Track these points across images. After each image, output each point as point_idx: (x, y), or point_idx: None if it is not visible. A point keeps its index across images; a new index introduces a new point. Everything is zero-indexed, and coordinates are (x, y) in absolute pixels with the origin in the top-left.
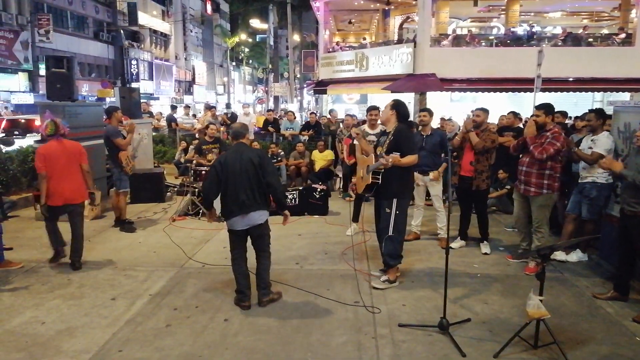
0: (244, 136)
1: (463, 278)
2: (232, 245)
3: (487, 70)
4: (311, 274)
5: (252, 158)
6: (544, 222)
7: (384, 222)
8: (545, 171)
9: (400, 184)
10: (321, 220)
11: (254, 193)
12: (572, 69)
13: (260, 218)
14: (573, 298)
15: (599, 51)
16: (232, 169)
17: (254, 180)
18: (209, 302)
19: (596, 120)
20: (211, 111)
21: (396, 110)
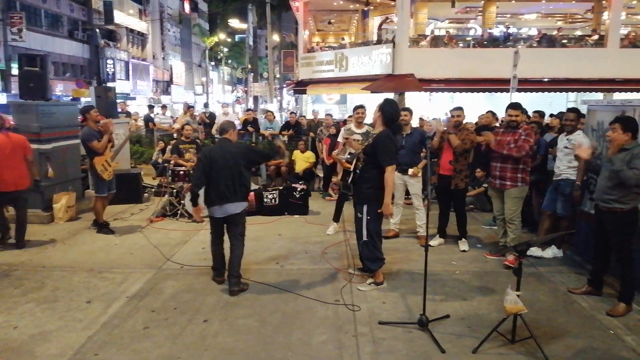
0: (227, 132)
1: (442, 275)
2: (211, 229)
3: (465, 70)
4: (292, 273)
5: (235, 152)
6: (516, 214)
7: (357, 226)
8: (519, 166)
9: (372, 190)
10: (301, 219)
11: (234, 186)
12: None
13: (236, 209)
14: (549, 293)
15: (573, 52)
16: (216, 162)
17: (235, 173)
18: (188, 303)
19: (577, 120)
20: (189, 111)
21: (382, 111)
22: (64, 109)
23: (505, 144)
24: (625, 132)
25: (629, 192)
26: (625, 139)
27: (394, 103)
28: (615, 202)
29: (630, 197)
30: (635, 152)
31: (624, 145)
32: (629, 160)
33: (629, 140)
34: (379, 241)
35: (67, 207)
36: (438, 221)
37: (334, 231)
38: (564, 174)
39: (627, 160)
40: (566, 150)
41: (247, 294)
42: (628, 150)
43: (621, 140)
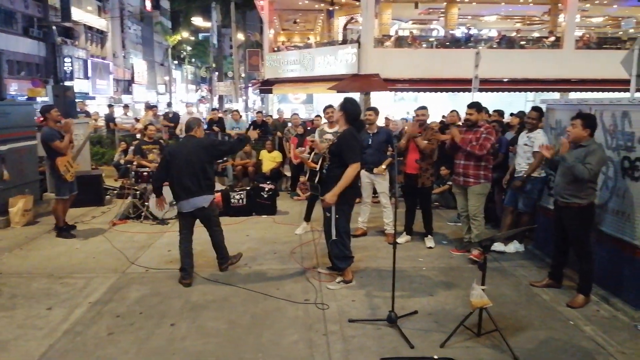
0: (193, 129)
1: (409, 272)
2: (180, 226)
3: (428, 70)
4: (260, 274)
5: (197, 148)
6: (480, 210)
7: (326, 225)
8: (481, 163)
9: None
10: (269, 220)
11: (198, 180)
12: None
13: (204, 202)
14: (512, 287)
15: (531, 53)
16: (178, 158)
17: (198, 168)
18: (154, 307)
19: (539, 119)
20: (152, 110)
21: (344, 110)
22: (20, 109)
23: (467, 142)
24: (585, 129)
25: (585, 187)
26: (583, 135)
27: (354, 101)
28: (572, 198)
29: (586, 193)
30: (590, 149)
31: (581, 141)
32: (584, 156)
33: (587, 137)
34: (347, 240)
35: (24, 211)
36: (405, 219)
37: (302, 231)
38: (524, 170)
39: (582, 157)
40: (526, 147)
41: (216, 296)
42: (584, 147)
43: (580, 136)
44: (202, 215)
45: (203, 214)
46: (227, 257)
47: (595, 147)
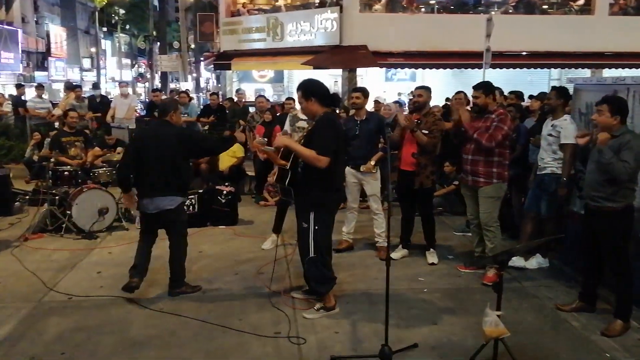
0: (169, 114)
1: (407, 295)
2: (141, 228)
3: (428, 41)
4: (218, 300)
5: (172, 140)
6: (493, 218)
7: (302, 239)
8: (493, 158)
9: (318, 193)
10: (229, 231)
11: (166, 176)
12: (526, 41)
13: (169, 204)
14: (534, 311)
15: (555, 20)
16: (147, 147)
17: (167, 163)
18: (81, 345)
19: (556, 99)
20: (75, 92)
21: (305, 93)
22: None
23: (472, 131)
24: (614, 116)
25: (622, 187)
26: (613, 124)
27: (314, 81)
28: (605, 200)
29: (622, 194)
30: (624, 140)
31: (612, 131)
32: (617, 149)
33: (617, 124)
34: (328, 257)
35: None
36: (401, 228)
37: (271, 245)
38: (549, 167)
39: (616, 150)
40: (550, 138)
41: (160, 329)
42: (616, 137)
43: (609, 124)
44: (166, 219)
45: (167, 218)
46: (181, 281)
47: (630, 138)
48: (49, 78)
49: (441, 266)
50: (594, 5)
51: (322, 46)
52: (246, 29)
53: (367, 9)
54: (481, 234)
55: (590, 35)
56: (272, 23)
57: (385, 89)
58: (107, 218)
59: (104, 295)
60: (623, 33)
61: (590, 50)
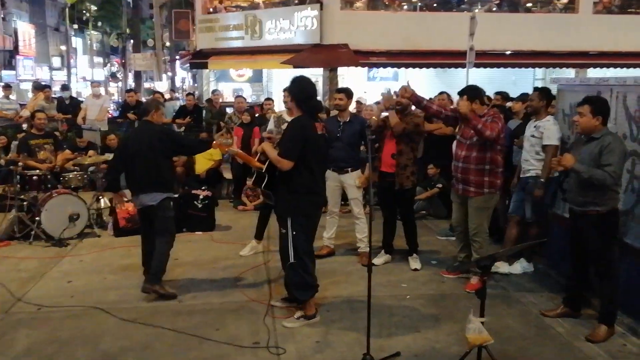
0: (149, 113)
1: (390, 302)
2: (140, 221)
3: (411, 40)
4: (194, 310)
5: (152, 139)
6: (482, 229)
7: (282, 245)
8: (484, 166)
9: (295, 196)
10: (206, 237)
11: (149, 174)
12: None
13: (151, 200)
14: (519, 317)
15: (539, 19)
16: (132, 148)
17: (150, 161)
18: (52, 358)
19: (539, 101)
20: (44, 93)
21: (291, 93)
22: None
23: (468, 137)
24: (595, 117)
25: (606, 191)
26: (594, 125)
27: (304, 79)
28: (589, 204)
29: (607, 197)
30: (604, 143)
31: (593, 133)
32: (598, 152)
33: (598, 126)
34: (310, 262)
35: None
36: (383, 233)
37: (251, 252)
38: (533, 169)
39: (597, 153)
40: (533, 139)
41: (134, 341)
42: (597, 139)
43: (590, 126)
44: (151, 214)
45: (152, 213)
46: (156, 277)
47: (611, 140)
48: (17, 77)
49: (425, 272)
50: (578, 4)
51: (302, 45)
52: (223, 26)
53: (348, 6)
54: (466, 240)
55: (574, 34)
56: (250, 20)
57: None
58: (78, 224)
59: (75, 305)
60: (607, 32)
61: (574, 50)
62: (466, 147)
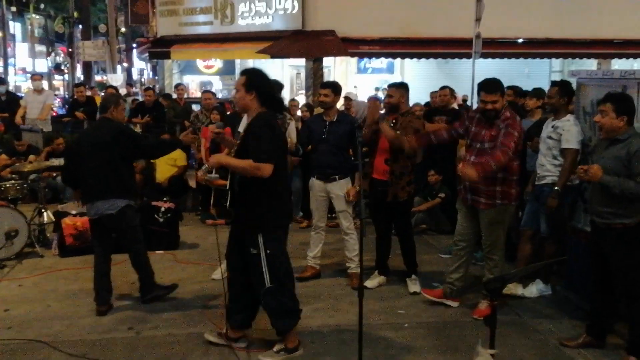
0: (107, 109)
1: (385, 331)
2: (91, 235)
3: (408, 26)
4: (154, 343)
5: (105, 136)
6: (498, 245)
7: (253, 268)
8: (497, 174)
9: (262, 209)
10: (169, 257)
11: (106, 178)
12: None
13: (110, 208)
14: (535, 348)
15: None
16: (82, 147)
17: (105, 162)
18: None
19: (559, 98)
20: None
21: (253, 86)
22: None
23: (479, 141)
24: (619, 116)
25: (633, 201)
26: (618, 126)
27: (259, 72)
28: (614, 216)
29: (634, 208)
30: (632, 148)
31: (617, 134)
32: (625, 156)
33: (623, 126)
34: (290, 284)
35: None
36: (376, 250)
37: (224, 274)
38: (549, 175)
39: (623, 157)
40: (550, 141)
41: None
42: (623, 141)
43: (614, 127)
44: (112, 227)
45: (113, 225)
46: (151, 285)
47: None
48: None
49: (425, 296)
50: None
51: (281, 31)
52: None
53: None
54: (464, 258)
55: (596, 19)
56: (220, 3)
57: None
58: (16, 243)
59: (13, 338)
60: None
61: (596, 38)
62: (476, 152)
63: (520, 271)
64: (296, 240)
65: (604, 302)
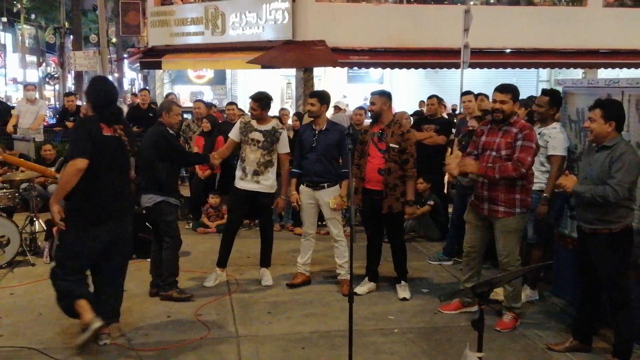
0: (160, 114)
1: (374, 337)
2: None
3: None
4: (147, 351)
5: (149, 139)
6: (515, 255)
7: None
8: (517, 182)
9: (70, 204)
10: None
11: (146, 175)
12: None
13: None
14: (522, 352)
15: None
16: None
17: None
18: None
19: (549, 107)
20: None
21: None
22: None
23: (493, 149)
24: (608, 122)
25: (617, 206)
26: (607, 132)
27: (103, 79)
28: (599, 222)
29: (619, 214)
30: (616, 154)
31: (605, 141)
32: (609, 163)
33: (611, 132)
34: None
35: None
36: (367, 257)
37: (215, 282)
38: (537, 182)
39: (607, 165)
40: None
41: None
42: (609, 148)
43: (602, 133)
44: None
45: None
46: (170, 284)
47: (623, 149)
48: None
49: (415, 302)
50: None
51: (271, 41)
52: (180, 20)
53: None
54: (476, 267)
55: (582, 30)
56: (211, 14)
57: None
58: (8, 251)
59: (4, 346)
60: (619, 27)
61: (582, 48)
62: (492, 160)
63: (507, 276)
64: (286, 247)
65: (589, 307)
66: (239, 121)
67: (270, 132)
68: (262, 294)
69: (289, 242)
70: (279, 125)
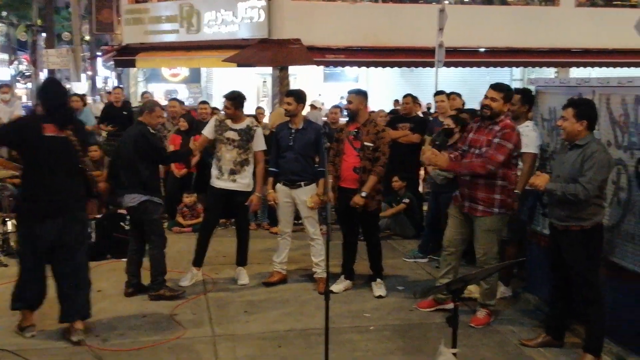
0: (142, 113)
1: (350, 334)
2: None
3: (372, 35)
4: (122, 351)
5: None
6: (492, 255)
7: None
8: (497, 182)
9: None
10: None
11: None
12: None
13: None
14: (496, 348)
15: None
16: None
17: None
18: None
19: (521, 105)
20: None
21: (40, 99)
22: None
23: (475, 146)
24: (580, 121)
25: (587, 204)
26: (578, 130)
27: (55, 82)
28: (571, 220)
29: (590, 211)
30: (587, 152)
31: (577, 139)
32: (580, 162)
33: (583, 131)
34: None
35: None
36: (342, 255)
37: (191, 281)
38: None
39: (579, 163)
40: None
41: None
42: (581, 147)
43: (574, 131)
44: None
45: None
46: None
47: (594, 148)
48: None
49: (390, 299)
50: None
51: (247, 39)
52: (154, 18)
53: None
54: (453, 264)
55: (555, 29)
56: (186, 11)
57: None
58: None
59: None
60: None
61: (555, 47)
62: (475, 158)
63: (480, 273)
64: (262, 245)
65: (561, 303)
66: (214, 119)
67: (245, 130)
68: (239, 293)
69: (264, 241)
70: (253, 123)
